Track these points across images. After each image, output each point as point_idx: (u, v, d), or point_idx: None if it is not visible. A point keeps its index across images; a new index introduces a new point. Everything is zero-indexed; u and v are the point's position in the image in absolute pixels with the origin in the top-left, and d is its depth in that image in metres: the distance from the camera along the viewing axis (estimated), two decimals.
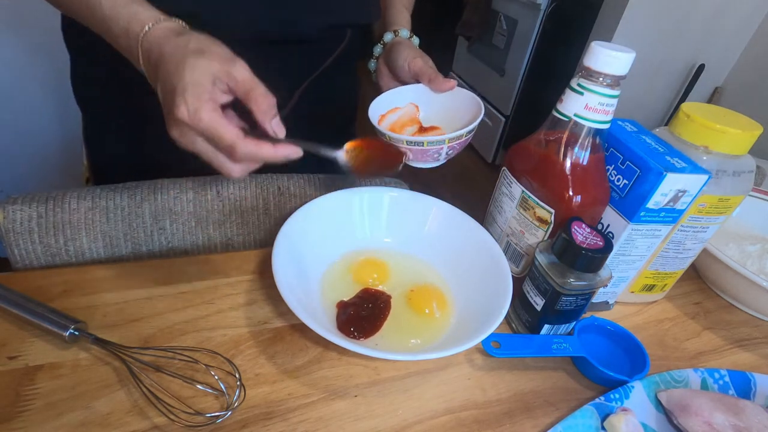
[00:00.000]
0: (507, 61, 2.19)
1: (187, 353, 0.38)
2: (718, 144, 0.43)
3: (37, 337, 0.38)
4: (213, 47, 0.37)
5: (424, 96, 0.56)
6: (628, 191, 0.42)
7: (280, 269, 0.40)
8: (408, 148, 0.48)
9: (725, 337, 0.51)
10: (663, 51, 1.74)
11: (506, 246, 0.48)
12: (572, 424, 0.38)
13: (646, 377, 0.43)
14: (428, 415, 0.38)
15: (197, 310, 0.43)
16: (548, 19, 1.95)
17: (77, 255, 0.50)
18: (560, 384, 0.43)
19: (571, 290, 0.40)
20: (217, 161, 0.37)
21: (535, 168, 0.44)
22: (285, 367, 0.40)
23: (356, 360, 0.41)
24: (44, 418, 0.33)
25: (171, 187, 0.53)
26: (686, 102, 0.52)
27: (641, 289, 0.51)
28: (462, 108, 0.54)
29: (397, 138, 0.48)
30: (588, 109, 0.39)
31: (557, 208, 0.42)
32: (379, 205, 0.53)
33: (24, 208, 0.48)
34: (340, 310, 0.44)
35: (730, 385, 0.44)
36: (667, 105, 1.93)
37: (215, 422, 0.34)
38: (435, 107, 0.56)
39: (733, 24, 1.74)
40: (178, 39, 0.37)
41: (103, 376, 0.36)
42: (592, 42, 0.38)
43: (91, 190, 0.51)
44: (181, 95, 0.34)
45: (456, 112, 0.54)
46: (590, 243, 0.39)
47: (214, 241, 0.56)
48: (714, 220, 0.46)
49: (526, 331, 0.45)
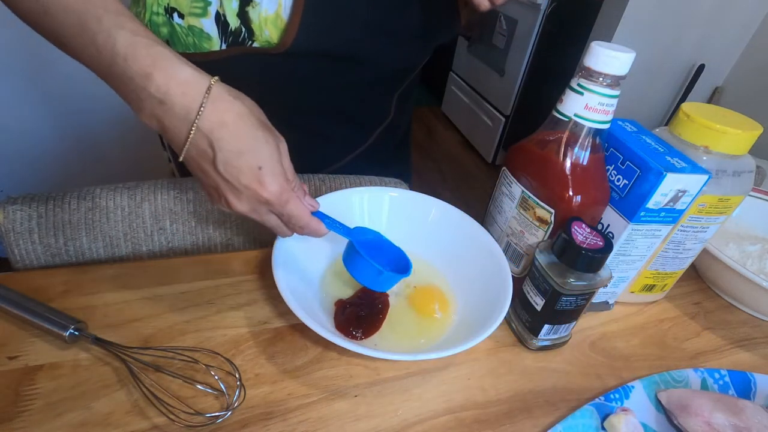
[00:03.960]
0: (507, 61, 2.19)
1: (187, 353, 0.38)
2: (718, 144, 0.43)
3: (37, 337, 0.38)
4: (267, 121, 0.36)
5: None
6: (628, 191, 0.42)
7: (280, 269, 0.40)
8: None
9: (725, 337, 0.51)
10: (663, 51, 1.74)
11: (506, 246, 0.48)
12: (572, 424, 0.38)
13: (646, 377, 0.43)
14: (428, 415, 0.38)
15: (197, 310, 0.43)
16: (548, 19, 1.95)
17: (77, 255, 0.50)
18: (560, 384, 0.43)
19: (571, 290, 0.40)
20: (277, 230, 0.39)
21: (535, 168, 0.44)
22: (285, 367, 0.40)
23: (356, 360, 0.41)
24: (44, 418, 0.33)
25: (171, 187, 0.54)
26: (686, 102, 0.52)
27: (641, 289, 0.51)
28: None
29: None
30: (588, 109, 0.39)
31: (557, 208, 0.42)
32: (379, 205, 0.53)
33: (24, 208, 0.48)
34: (339, 310, 0.44)
35: (730, 385, 0.44)
36: (667, 105, 1.93)
37: (215, 422, 0.34)
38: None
39: (733, 24, 1.74)
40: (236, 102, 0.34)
41: (103, 376, 0.36)
42: (592, 42, 0.38)
43: (91, 190, 0.51)
44: (269, 176, 0.34)
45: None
46: (590, 243, 0.39)
47: (214, 241, 0.56)
48: (714, 220, 0.46)
49: (527, 331, 0.45)
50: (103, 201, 0.51)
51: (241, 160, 0.33)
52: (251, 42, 0.49)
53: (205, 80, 0.33)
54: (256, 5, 0.47)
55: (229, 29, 0.48)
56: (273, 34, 0.48)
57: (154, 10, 0.47)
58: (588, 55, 0.38)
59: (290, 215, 0.37)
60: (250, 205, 0.36)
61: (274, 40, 0.49)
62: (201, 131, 0.32)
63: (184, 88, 0.32)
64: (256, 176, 0.34)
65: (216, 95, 0.33)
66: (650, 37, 1.69)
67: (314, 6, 0.47)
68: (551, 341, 0.45)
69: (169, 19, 0.47)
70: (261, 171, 0.34)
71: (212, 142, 0.33)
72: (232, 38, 0.48)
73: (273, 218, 0.38)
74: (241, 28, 0.48)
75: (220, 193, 0.35)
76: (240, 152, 0.33)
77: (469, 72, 2.61)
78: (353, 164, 0.66)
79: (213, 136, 0.33)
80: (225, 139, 0.33)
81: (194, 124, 0.32)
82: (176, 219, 0.54)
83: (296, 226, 0.39)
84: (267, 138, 0.35)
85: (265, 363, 0.40)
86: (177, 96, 0.32)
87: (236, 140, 0.33)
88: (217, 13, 0.47)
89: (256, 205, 0.36)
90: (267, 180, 0.34)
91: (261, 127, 0.35)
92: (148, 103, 0.32)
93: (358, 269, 0.42)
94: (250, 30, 0.48)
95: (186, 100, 0.32)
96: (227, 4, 0.47)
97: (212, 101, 0.32)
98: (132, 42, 0.31)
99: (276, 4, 0.47)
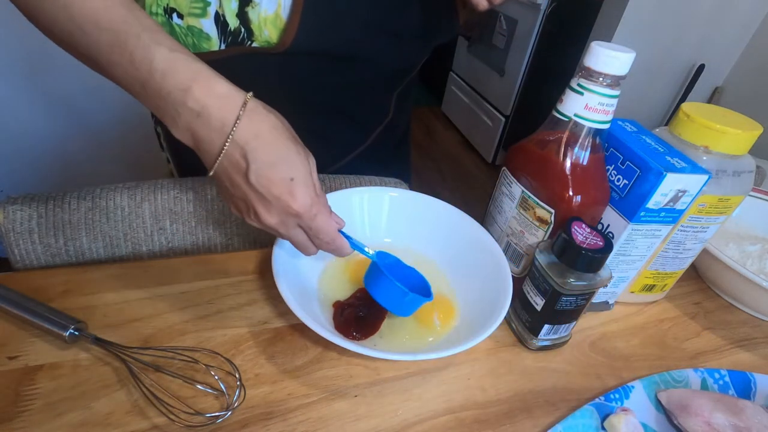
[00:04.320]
0: (507, 61, 2.19)
1: (187, 353, 0.38)
2: (718, 144, 0.43)
3: (37, 337, 0.38)
4: (296, 136, 0.37)
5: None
6: (628, 191, 0.42)
7: (280, 269, 0.40)
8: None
9: (725, 337, 0.51)
10: (663, 51, 1.74)
11: (506, 246, 0.48)
12: (572, 424, 0.38)
13: (646, 377, 0.43)
14: (428, 415, 0.38)
15: (197, 310, 0.43)
16: (548, 19, 1.95)
17: (77, 255, 0.50)
18: (560, 384, 0.43)
19: (571, 290, 0.40)
20: (303, 246, 0.39)
21: (535, 168, 0.44)
22: (285, 367, 0.40)
23: (356, 360, 0.41)
24: (44, 418, 0.33)
25: (171, 187, 0.54)
26: (686, 102, 0.52)
27: (641, 289, 0.52)
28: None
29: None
30: (588, 109, 0.39)
31: (557, 208, 0.42)
32: (379, 204, 0.53)
33: (24, 208, 0.48)
34: (337, 311, 0.44)
35: (730, 385, 0.44)
36: (667, 105, 1.93)
37: (215, 422, 0.34)
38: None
39: (733, 24, 1.74)
40: (269, 115, 0.35)
41: (103, 376, 0.36)
42: (592, 42, 0.38)
43: (91, 190, 0.51)
44: (302, 188, 0.34)
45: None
46: (590, 243, 0.39)
47: (214, 241, 0.56)
48: (714, 220, 0.46)
49: (527, 331, 0.45)
50: (103, 201, 0.51)
51: (273, 171, 0.34)
52: (250, 42, 0.49)
53: (242, 95, 0.34)
54: (256, 5, 0.47)
55: (229, 29, 0.48)
56: (272, 34, 0.48)
57: (153, 10, 0.47)
58: (588, 55, 0.38)
59: (318, 230, 0.37)
60: (280, 217, 0.36)
61: (273, 40, 0.49)
62: (236, 142, 0.33)
63: (221, 102, 0.33)
64: (288, 187, 0.34)
65: (251, 108, 0.33)
66: (650, 37, 1.69)
67: (314, 5, 0.47)
68: (551, 341, 0.45)
69: (169, 20, 0.47)
70: (293, 182, 0.34)
71: (246, 153, 0.33)
72: (232, 38, 0.48)
73: (300, 233, 0.38)
74: (240, 29, 0.48)
75: (249, 205, 0.35)
76: (273, 163, 0.34)
77: (469, 72, 2.61)
78: (353, 164, 0.66)
79: (248, 147, 0.33)
80: (259, 150, 0.33)
81: (230, 135, 0.33)
82: (176, 219, 0.54)
83: (323, 242, 0.38)
84: (298, 150, 0.35)
85: (265, 363, 0.40)
86: (214, 108, 0.32)
87: (270, 151, 0.34)
88: (216, 14, 0.47)
89: (285, 218, 0.36)
90: (299, 192, 0.34)
91: (293, 140, 0.35)
92: (184, 117, 0.33)
93: (382, 292, 0.41)
94: (250, 30, 0.48)
95: (223, 112, 0.32)
96: (226, 5, 0.47)
97: (248, 114, 0.33)
98: (170, 58, 0.32)
99: (275, 4, 0.47)
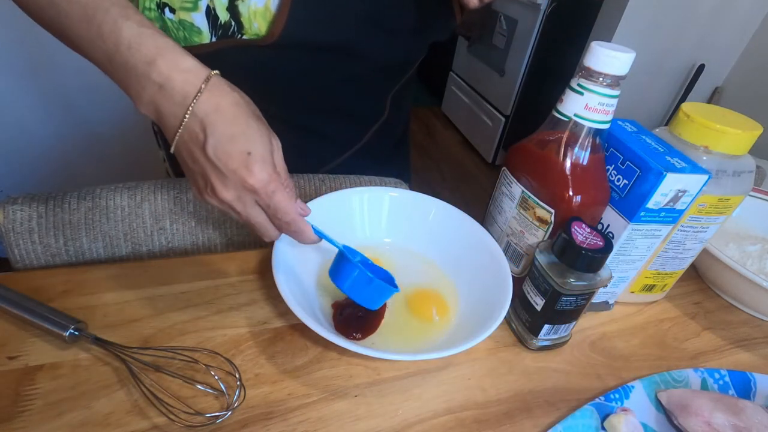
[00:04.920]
0: (507, 61, 2.19)
1: (187, 353, 0.38)
2: (718, 144, 0.43)
3: (37, 337, 0.38)
4: (261, 116, 0.37)
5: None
6: (628, 191, 0.42)
7: (280, 269, 0.40)
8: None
9: (725, 337, 0.51)
10: (663, 51, 1.74)
11: (506, 246, 0.48)
12: (572, 424, 0.38)
13: (646, 377, 0.43)
14: (428, 415, 0.38)
15: (197, 310, 0.43)
16: (548, 19, 1.95)
17: (77, 255, 0.50)
18: (560, 384, 0.43)
19: (571, 290, 0.40)
20: (262, 227, 0.38)
21: (535, 168, 0.44)
22: (285, 367, 0.40)
23: (356, 360, 0.41)
24: (44, 418, 0.33)
25: (171, 187, 0.54)
26: (686, 102, 0.52)
27: (641, 289, 0.51)
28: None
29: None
30: (588, 109, 0.39)
31: (557, 208, 0.42)
32: (379, 204, 0.53)
33: (24, 208, 0.48)
34: (337, 311, 0.44)
35: (730, 385, 0.44)
36: (667, 105, 1.93)
37: (215, 422, 0.34)
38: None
39: (733, 24, 1.74)
40: (232, 92, 0.35)
41: (103, 376, 0.36)
42: (592, 42, 0.38)
43: (91, 190, 0.51)
44: (259, 163, 0.34)
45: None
46: (590, 243, 0.39)
47: (214, 241, 0.56)
48: (714, 220, 0.46)
49: (527, 331, 0.45)
50: (103, 201, 0.51)
51: (231, 145, 0.34)
52: (240, 35, 0.49)
53: (206, 71, 0.34)
54: None
55: (219, 23, 0.48)
56: (262, 26, 0.48)
57: (146, 5, 0.48)
58: (588, 55, 0.38)
59: (276, 208, 0.36)
60: (237, 192, 0.35)
61: (263, 32, 0.49)
62: (196, 115, 0.33)
63: (185, 76, 0.33)
64: (245, 161, 0.34)
65: (214, 83, 0.34)
66: (650, 37, 1.69)
67: None
68: (551, 341, 0.45)
69: (161, 14, 0.48)
70: (250, 157, 0.34)
71: (205, 126, 0.33)
72: (222, 31, 0.49)
73: (258, 213, 0.37)
74: (230, 22, 0.48)
75: (207, 180, 0.35)
76: (232, 136, 0.34)
77: (469, 72, 2.61)
78: (351, 163, 0.66)
79: (207, 120, 0.33)
80: (218, 124, 0.33)
81: (190, 107, 0.33)
82: (176, 219, 0.54)
83: (282, 222, 0.37)
84: (260, 128, 0.35)
85: (265, 363, 0.40)
86: (177, 82, 0.33)
87: (229, 125, 0.34)
88: (207, 7, 0.47)
89: (242, 193, 0.35)
90: (255, 167, 0.34)
91: (255, 117, 0.35)
92: (147, 90, 0.33)
93: (347, 281, 0.41)
94: (240, 23, 0.48)
95: (185, 86, 0.33)
96: None
97: (210, 88, 0.33)
98: (138, 32, 0.33)
99: None
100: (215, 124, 0.33)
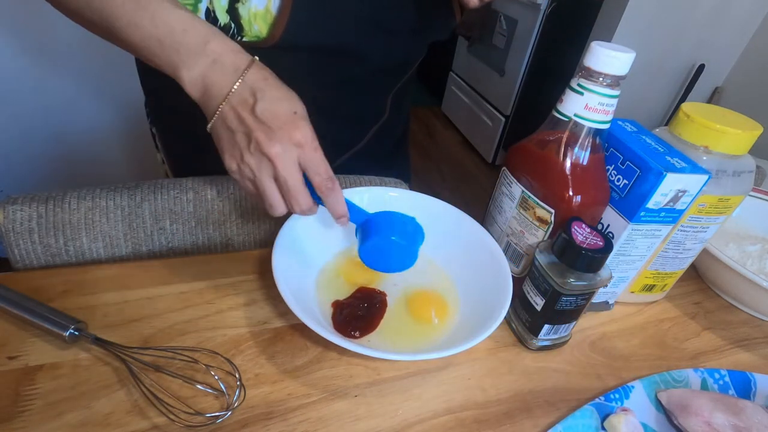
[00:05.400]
0: (507, 61, 2.19)
1: (187, 353, 0.38)
2: (718, 144, 0.43)
3: (37, 337, 0.38)
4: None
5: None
6: (628, 191, 0.42)
7: (279, 269, 0.40)
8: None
9: (725, 337, 0.51)
10: (663, 51, 1.74)
11: (506, 246, 0.48)
12: (572, 424, 0.38)
13: (646, 377, 0.43)
14: (428, 415, 0.38)
15: (197, 310, 0.43)
16: (548, 19, 1.95)
17: (77, 255, 0.50)
18: (560, 384, 0.43)
19: (571, 290, 0.40)
20: (272, 199, 0.40)
21: (535, 168, 0.44)
22: (285, 367, 0.40)
23: (356, 360, 0.41)
24: (44, 418, 0.33)
25: (171, 187, 0.54)
26: (686, 102, 0.52)
27: (641, 289, 0.52)
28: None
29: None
30: (588, 109, 0.39)
31: (557, 208, 0.42)
32: (379, 204, 0.53)
33: (24, 208, 0.48)
34: (336, 311, 0.44)
35: (730, 385, 0.44)
36: (667, 105, 1.93)
37: (215, 422, 0.34)
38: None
39: (733, 24, 1.74)
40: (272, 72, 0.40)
41: (103, 376, 0.36)
42: (592, 42, 0.38)
43: (91, 190, 0.51)
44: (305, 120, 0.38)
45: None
46: (590, 243, 0.39)
47: (214, 241, 0.56)
48: (714, 220, 0.46)
49: (527, 331, 0.45)
50: (103, 201, 0.51)
51: (279, 105, 0.37)
52: (240, 37, 0.49)
53: (250, 55, 0.39)
54: (246, 1, 0.47)
55: (219, 25, 0.48)
56: (262, 29, 0.48)
57: None
58: (588, 55, 0.38)
59: (318, 163, 0.38)
60: (282, 145, 0.37)
61: (263, 35, 0.49)
62: (246, 83, 0.37)
63: (235, 54, 0.38)
64: (292, 119, 0.37)
65: (258, 62, 0.39)
66: (650, 37, 1.69)
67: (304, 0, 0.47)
68: (551, 341, 0.45)
69: None
70: (296, 115, 0.38)
71: (255, 91, 0.37)
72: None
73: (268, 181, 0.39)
74: (230, 24, 0.48)
75: (252, 137, 0.37)
76: (279, 98, 0.38)
77: (469, 72, 2.61)
78: (351, 164, 0.66)
79: (257, 86, 0.37)
80: (267, 89, 0.37)
81: (241, 78, 0.37)
82: (176, 219, 0.54)
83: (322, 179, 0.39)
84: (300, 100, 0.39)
85: (265, 363, 0.40)
86: (229, 57, 0.38)
87: (276, 90, 0.38)
88: (207, 10, 0.47)
89: (288, 147, 0.37)
90: (302, 123, 0.38)
91: (293, 94, 0.39)
92: (200, 65, 0.38)
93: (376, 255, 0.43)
94: (240, 26, 0.48)
95: (237, 60, 0.38)
96: (216, 1, 0.47)
97: (257, 64, 0.39)
98: (191, 18, 0.38)
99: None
100: (264, 90, 0.37)
